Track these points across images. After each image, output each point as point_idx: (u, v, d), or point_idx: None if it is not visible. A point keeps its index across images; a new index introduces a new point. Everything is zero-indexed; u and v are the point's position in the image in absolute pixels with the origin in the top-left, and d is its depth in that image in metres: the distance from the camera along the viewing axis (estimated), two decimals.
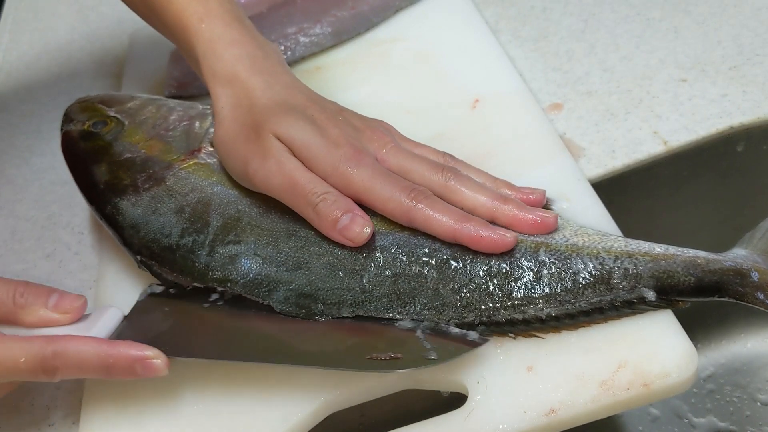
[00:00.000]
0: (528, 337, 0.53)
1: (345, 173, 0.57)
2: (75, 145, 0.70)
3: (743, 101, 0.70)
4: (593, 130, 0.72)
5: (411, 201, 0.56)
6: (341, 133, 0.60)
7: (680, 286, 0.52)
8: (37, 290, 0.57)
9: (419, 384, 0.55)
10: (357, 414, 0.70)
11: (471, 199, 0.57)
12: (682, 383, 0.50)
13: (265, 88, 0.62)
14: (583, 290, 0.53)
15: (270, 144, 0.59)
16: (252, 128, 0.60)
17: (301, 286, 0.57)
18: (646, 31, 0.79)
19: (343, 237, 0.56)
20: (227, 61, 0.63)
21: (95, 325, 0.57)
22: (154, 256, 0.61)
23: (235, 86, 0.62)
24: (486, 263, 0.55)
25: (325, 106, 0.63)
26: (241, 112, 0.61)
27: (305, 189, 0.57)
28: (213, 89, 0.63)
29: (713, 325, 0.84)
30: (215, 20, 0.64)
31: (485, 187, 0.59)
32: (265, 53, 0.65)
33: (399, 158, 0.60)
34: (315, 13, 0.84)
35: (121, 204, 0.64)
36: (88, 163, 0.68)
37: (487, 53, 0.77)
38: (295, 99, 0.62)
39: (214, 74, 0.63)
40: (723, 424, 0.79)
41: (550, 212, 0.57)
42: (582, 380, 0.51)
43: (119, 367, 0.53)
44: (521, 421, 0.50)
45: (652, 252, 0.53)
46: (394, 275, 0.56)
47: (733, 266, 0.52)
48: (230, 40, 0.64)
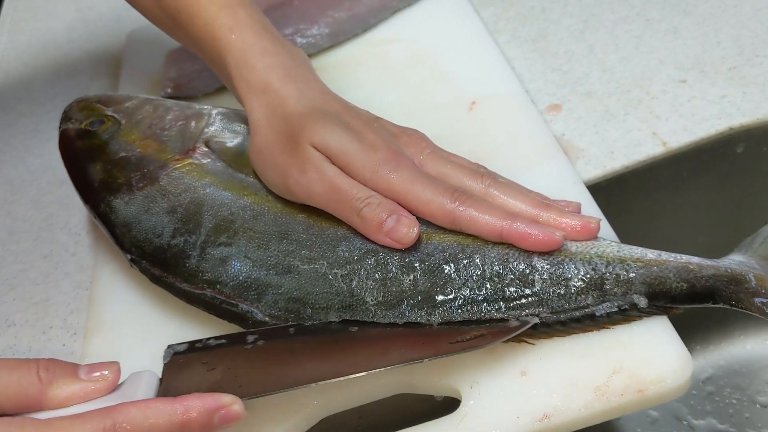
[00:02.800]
0: (518, 342, 0.53)
1: (385, 176, 0.57)
2: (71, 143, 0.70)
3: (743, 102, 0.70)
4: (592, 131, 0.71)
5: (454, 203, 0.55)
6: (378, 137, 0.59)
7: (672, 293, 0.52)
8: (63, 363, 0.50)
9: (412, 388, 0.55)
10: (355, 417, 0.70)
11: (513, 204, 0.57)
12: (677, 389, 0.50)
13: (300, 96, 0.61)
14: (575, 296, 0.53)
15: (309, 154, 0.58)
16: (289, 138, 0.60)
17: (291, 290, 0.57)
18: (646, 31, 0.79)
19: (390, 239, 0.56)
20: (260, 71, 0.62)
21: (138, 390, 0.51)
22: (146, 255, 0.61)
23: (269, 95, 0.62)
24: (479, 267, 0.54)
25: (360, 113, 0.63)
26: (276, 121, 0.61)
27: (348, 195, 0.57)
28: (247, 100, 0.63)
29: (712, 327, 0.83)
30: (246, 30, 0.64)
31: (525, 194, 0.58)
32: (296, 62, 0.64)
33: (438, 164, 0.60)
34: (312, 14, 0.83)
35: (115, 202, 0.64)
36: (84, 162, 0.68)
37: (484, 55, 0.77)
38: (329, 106, 0.62)
39: (248, 84, 0.62)
40: (722, 426, 0.79)
41: (593, 217, 0.56)
42: (576, 386, 0.51)
43: (195, 422, 0.48)
44: (514, 426, 0.50)
45: (644, 258, 0.53)
46: (383, 279, 0.55)
47: (728, 272, 0.51)
48: (262, 50, 0.63)
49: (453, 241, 0.56)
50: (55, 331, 0.69)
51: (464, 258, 0.55)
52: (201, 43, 0.66)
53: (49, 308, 0.71)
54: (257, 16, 0.65)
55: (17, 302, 0.72)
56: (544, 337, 0.53)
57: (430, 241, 0.56)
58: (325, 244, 0.58)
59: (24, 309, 0.72)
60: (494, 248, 0.55)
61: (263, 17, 0.66)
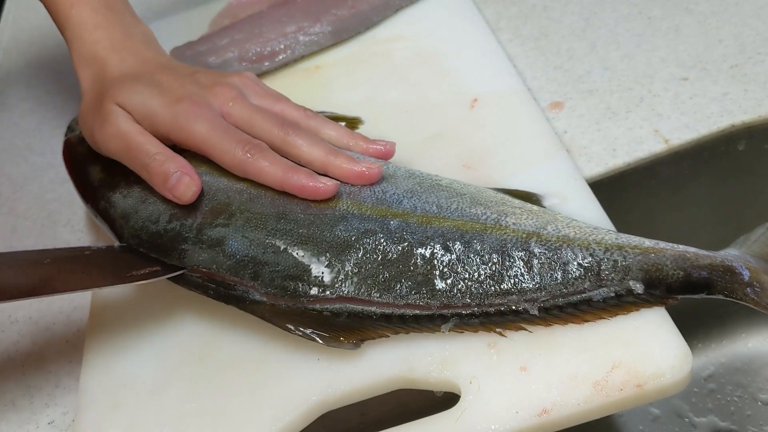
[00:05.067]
0: (516, 330, 0.53)
1: (183, 126, 0.61)
2: (74, 148, 0.71)
3: (745, 100, 0.70)
4: (594, 129, 0.71)
5: (246, 154, 0.59)
6: (184, 91, 0.63)
7: (669, 280, 0.52)
8: None
9: (411, 384, 0.55)
10: (357, 413, 0.70)
11: (306, 154, 0.61)
12: (677, 384, 0.50)
13: (119, 64, 0.66)
14: (572, 281, 0.53)
15: (109, 110, 0.62)
16: (98, 99, 0.64)
17: (287, 267, 0.57)
18: (647, 29, 0.79)
19: (171, 195, 0.60)
20: (89, 44, 0.67)
21: None
22: (143, 243, 0.61)
23: (95, 66, 0.66)
24: (477, 252, 0.55)
25: (179, 71, 0.66)
26: (96, 88, 0.65)
27: (138, 150, 0.61)
28: (78, 70, 0.67)
29: (714, 325, 0.83)
30: (84, 7, 0.68)
31: (322, 142, 0.62)
32: (127, 34, 0.68)
33: (243, 112, 0.63)
34: (315, 12, 0.83)
35: (114, 197, 0.64)
36: (86, 164, 0.68)
37: (486, 53, 0.77)
38: (145, 68, 0.65)
39: (80, 56, 0.67)
40: (724, 423, 0.79)
41: (374, 163, 0.60)
42: (575, 380, 0.50)
43: None
44: (513, 421, 0.50)
45: (642, 245, 0.53)
46: (382, 260, 0.56)
47: (723, 263, 0.52)
48: (94, 24, 0.67)
49: (452, 226, 0.56)
50: (58, 327, 0.69)
51: (462, 243, 0.55)
52: (50, 14, 0.70)
53: (52, 305, 0.71)
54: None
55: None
56: (542, 323, 0.53)
57: (429, 225, 0.56)
58: (323, 224, 0.58)
59: (26, 306, 0.72)
60: (492, 233, 0.55)
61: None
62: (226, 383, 0.57)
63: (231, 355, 0.59)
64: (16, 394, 0.65)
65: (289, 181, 0.58)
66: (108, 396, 0.59)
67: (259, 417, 0.55)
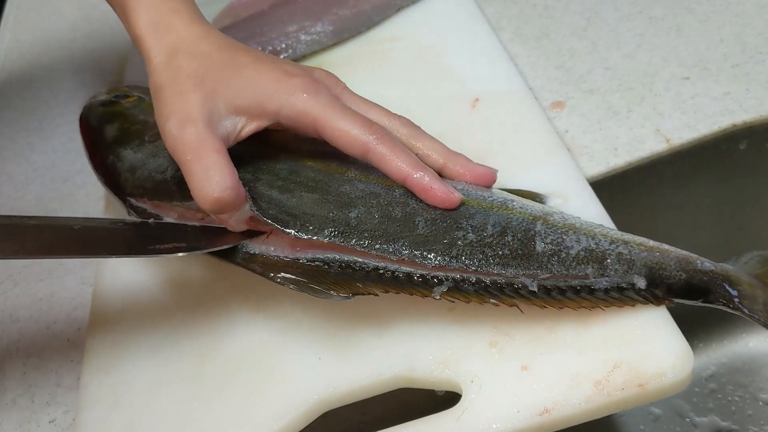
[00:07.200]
0: (510, 306, 0.52)
1: (300, 98, 0.56)
2: (94, 110, 0.72)
3: (746, 99, 0.70)
4: (595, 128, 0.71)
5: (372, 135, 0.55)
6: (291, 68, 0.58)
7: (671, 280, 0.52)
8: None
9: (412, 383, 0.55)
10: (358, 412, 0.70)
11: (424, 147, 0.58)
12: (678, 383, 0.50)
13: (215, 51, 0.59)
14: (576, 264, 0.52)
15: (205, 111, 0.56)
16: (197, 86, 0.57)
17: (290, 207, 0.56)
18: (649, 29, 0.79)
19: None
20: (164, 12, 0.60)
21: None
22: (147, 191, 0.62)
23: (172, 35, 0.59)
24: (481, 225, 0.54)
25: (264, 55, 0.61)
26: (196, 70, 0.58)
27: (199, 162, 0.54)
28: (146, 38, 0.59)
29: (715, 325, 0.83)
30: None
31: (437, 140, 0.59)
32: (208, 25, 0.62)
33: (354, 99, 0.60)
34: (316, 12, 0.84)
35: (124, 153, 0.65)
36: (102, 122, 0.70)
37: (488, 52, 0.77)
38: (235, 55, 0.59)
39: (151, 23, 0.59)
40: (725, 423, 0.79)
41: (493, 168, 0.59)
42: (576, 380, 0.51)
43: None
44: (514, 420, 0.50)
45: (647, 244, 0.54)
46: (381, 216, 0.55)
47: (724, 271, 0.53)
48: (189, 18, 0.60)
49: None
50: (59, 326, 0.69)
51: (467, 217, 0.55)
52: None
53: (53, 304, 0.71)
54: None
55: (21, 298, 0.73)
56: (538, 304, 0.52)
57: None
58: (331, 182, 0.58)
59: (28, 305, 0.72)
60: (498, 211, 0.55)
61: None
62: (226, 382, 0.57)
63: (231, 353, 0.59)
64: (17, 392, 0.65)
65: (413, 178, 0.55)
66: (109, 395, 0.59)
67: (259, 416, 0.55)
